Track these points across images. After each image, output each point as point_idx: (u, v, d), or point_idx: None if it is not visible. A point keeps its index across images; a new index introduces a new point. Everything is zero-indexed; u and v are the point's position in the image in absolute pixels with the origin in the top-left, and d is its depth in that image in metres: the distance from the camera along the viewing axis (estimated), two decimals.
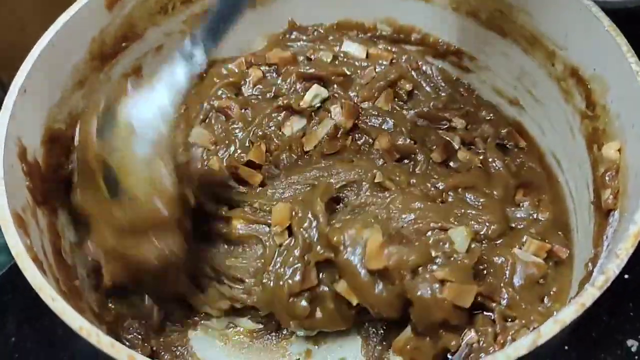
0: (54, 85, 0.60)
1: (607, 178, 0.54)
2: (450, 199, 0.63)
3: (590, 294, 0.42)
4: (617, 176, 0.53)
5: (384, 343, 0.62)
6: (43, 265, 0.50)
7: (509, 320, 0.55)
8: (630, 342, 0.70)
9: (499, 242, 0.60)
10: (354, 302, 0.56)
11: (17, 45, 0.60)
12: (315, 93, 0.69)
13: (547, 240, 0.60)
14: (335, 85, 0.71)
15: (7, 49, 0.72)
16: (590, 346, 0.70)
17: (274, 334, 0.64)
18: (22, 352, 0.70)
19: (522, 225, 0.63)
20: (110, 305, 0.61)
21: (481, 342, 0.54)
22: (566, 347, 0.70)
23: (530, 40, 0.64)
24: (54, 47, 0.59)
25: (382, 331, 0.62)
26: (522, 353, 0.40)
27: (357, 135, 0.69)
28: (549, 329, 0.41)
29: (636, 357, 0.69)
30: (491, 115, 0.72)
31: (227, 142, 0.67)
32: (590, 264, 0.53)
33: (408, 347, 0.58)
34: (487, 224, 0.60)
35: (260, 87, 0.72)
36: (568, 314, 0.41)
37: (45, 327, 0.71)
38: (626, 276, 0.75)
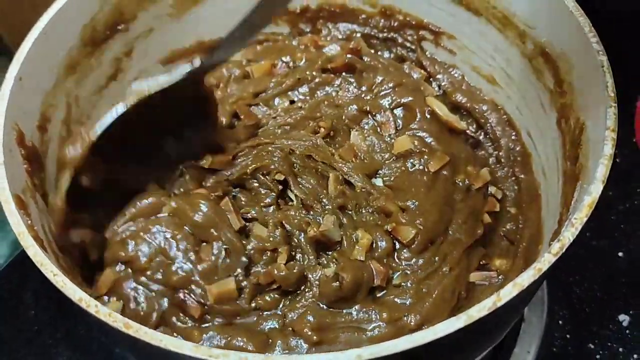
0: (48, 72, 0.63)
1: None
2: None
3: (547, 260, 0.45)
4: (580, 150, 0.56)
5: None
6: (44, 243, 0.53)
7: None
8: (622, 317, 0.73)
9: None
10: None
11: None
12: None
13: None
14: None
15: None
16: (583, 321, 0.73)
17: None
18: (41, 325, 0.74)
19: None
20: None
21: None
22: (560, 322, 0.73)
23: (502, 21, 0.67)
24: (47, 36, 0.61)
25: None
26: (484, 314, 0.43)
27: None
28: (508, 292, 0.44)
29: (627, 331, 0.72)
30: None
31: None
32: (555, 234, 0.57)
33: None
34: None
35: None
36: (526, 278, 0.44)
37: (63, 301, 0.75)
38: (620, 254, 0.78)
